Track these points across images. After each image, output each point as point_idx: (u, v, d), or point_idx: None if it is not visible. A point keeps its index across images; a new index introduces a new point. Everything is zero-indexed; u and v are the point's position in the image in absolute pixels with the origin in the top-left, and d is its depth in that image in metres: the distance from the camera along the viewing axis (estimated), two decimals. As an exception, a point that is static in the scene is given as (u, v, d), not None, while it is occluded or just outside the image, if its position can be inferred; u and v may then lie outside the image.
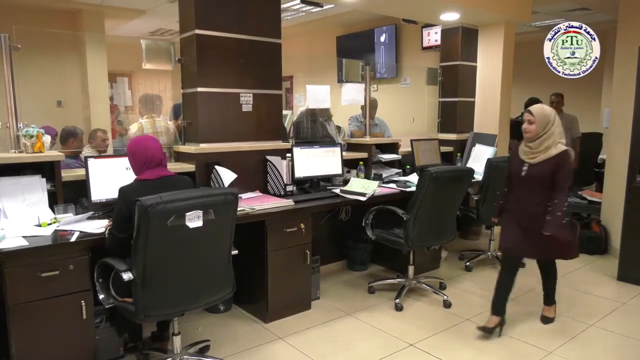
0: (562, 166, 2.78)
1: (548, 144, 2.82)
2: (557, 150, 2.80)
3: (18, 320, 2.23)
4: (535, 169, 2.85)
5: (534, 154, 2.86)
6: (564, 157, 2.80)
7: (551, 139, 2.82)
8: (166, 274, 2.12)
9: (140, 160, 2.36)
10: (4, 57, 2.71)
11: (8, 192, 2.59)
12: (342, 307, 3.45)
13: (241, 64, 3.36)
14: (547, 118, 2.82)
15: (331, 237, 4.16)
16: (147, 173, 2.34)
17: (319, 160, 3.81)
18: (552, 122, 2.83)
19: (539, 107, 2.88)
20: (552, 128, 2.82)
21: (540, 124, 2.82)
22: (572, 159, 2.82)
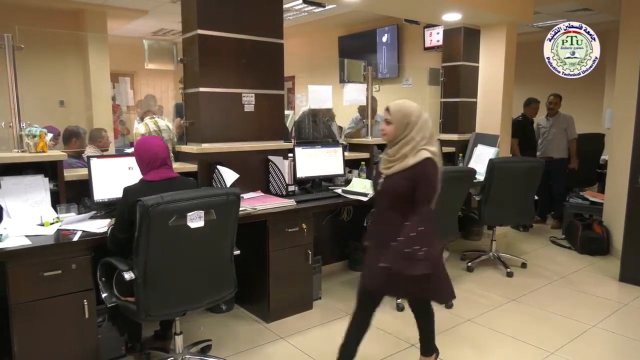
0: (421, 180, 2.11)
1: (405, 152, 2.13)
2: (416, 159, 2.10)
3: (20, 320, 2.24)
4: (389, 182, 2.20)
5: (390, 163, 2.20)
6: (424, 168, 2.10)
7: (410, 144, 2.13)
8: (168, 273, 2.13)
9: (145, 160, 2.36)
10: (7, 57, 2.72)
11: (11, 192, 2.60)
12: (344, 307, 3.45)
13: (243, 64, 3.36)
14: (407, 118, 2.14)
15: (333, 237, 4.16)
16: (151, 174, 2.33)
17: (321, 161, 3.81)
18: (413, 123, 2.14)
19: (399, 104, 2.21)
20: (412, 132, 2.13)
21: (399, 125, 2.15)
22: (435, 171, 2.13)
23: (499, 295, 3.70)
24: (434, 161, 2.14)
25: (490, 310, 3.42)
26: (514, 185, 4.06)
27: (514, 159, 5.07)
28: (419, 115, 2.17)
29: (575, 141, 5.72)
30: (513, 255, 4.48)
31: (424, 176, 2.12)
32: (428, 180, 2.12)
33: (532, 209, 4.30)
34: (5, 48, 2.70)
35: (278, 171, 3.45)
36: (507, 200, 4.08)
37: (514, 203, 4.14)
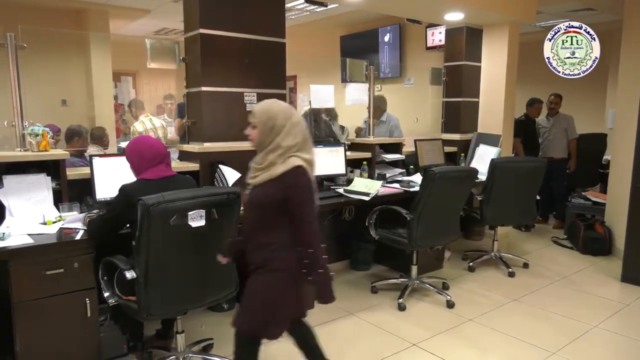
0: (292, 192, 1.84)
1: (272, 159, 1.88)
2: (284, 168, 1.85)
3: (23, 318, 2.24)
4: (255, 193, 1.94)
5: (256, 172, 1.94)
6: (294, 178, 1.84)
7: (277, 151, 1.87)
8: (169, 272, 2.13)
9: (145, 159, 2.34)
10: (10, 56, 2.72)
11: (14, 191, 2.61)
12: (345, 306, 3.45)
13: (245, 64, 3.36)
14: (272, 121, 1.89)
15: (334, 236, 4.16)
16: (149, 172, 2.32)
17: (323, 160, 3.81)
18: (279, 126, 1.88)
19: (263, 105, 1.97)
20: (277, 137, 1.88)
21: (264, 129, 1.90)
22: (306, 180, 1.87)
23: (500, 295, 3.70)
24: (305, 170, 1.87)
25: (491, 310, 3.41)
26: (516, 185, 4.05)
27: (516, 158, 5.07)
28: (287, 117, 1.91)
29: (575, 141, 5.71)
30: (515, 255, 4.48)
31: (295, 187, 1.85)
32: (300, 191, 1.85)
33: (534, 209, 4.30)
34: (8, 47, 2.71)
35: (280, 170, 3.45)
36: (509, 200, 4.08)
37: (516, 203, 4.14)
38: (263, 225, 1.94)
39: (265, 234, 1.93)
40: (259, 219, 1.95)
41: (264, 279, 1.93)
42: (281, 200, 1.86)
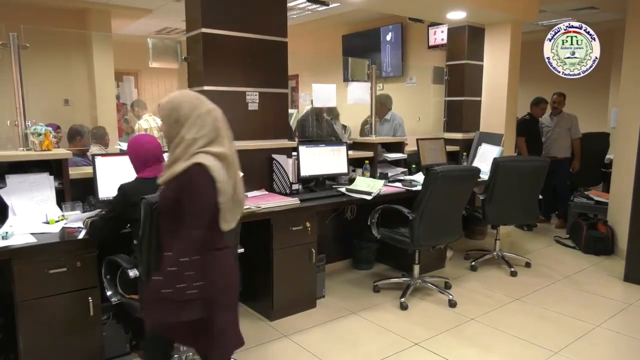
0: (184, 193, 1.66)
1: (177, 155, 1.70)
2: (184, 165, 1.66)
3: (26, 317, 2.25)
4: (159, 195, 1.82)
5: (164, 170, 1.78)
6: (189, 178, 1.65)
7: (181, 146, 1.69)
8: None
9: (141, 158, 2.32)
10: (12, 56, 2.73)
11: (16, 190, 2.62)
12: (348, 305, 3.45)
13: (247, 63, 3.37)
14: (176, 112, 1.71)
15: (336, 235, 4.16)
16: (147, 171, 2.30)
17: (325, 159, 3.81)
18: (184, 118, 1.69)
19: (169, 96, 1.77)
20: (182, 130, 1.70)
21: (169, 122, 1.74)
22: (203, 181, 1.65)
23: (503, 294, 3.69)
24: (206, 169, 1.64)
25: (494, 310, 3.41)
26: (518, 184, 4.05)
27: (518, 158, 5.06)
28: (193, 108, 1.71)
29: (579, 140, 5.70)
30: (517, 254, 4.47)
31: (187, 188, 1.64)
32: (191, 193, 1.64)
33: (536, 208, 4.29)
34: (10, 47, 2.71)
35: (282, 170, 3.46)
36: (511, 199, 4.07)
37: (518, 202, 4.13)
38: (164, 228, 1.75)
39: (167, 239, 1.72)
40: (162, 224, 1.77)
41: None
42: (175, 202, 1.67)
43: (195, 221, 1.65)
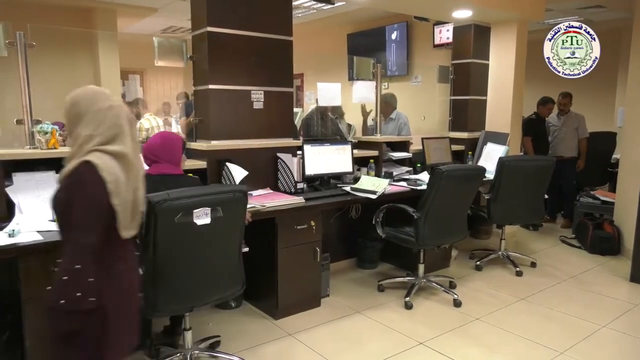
0: (71, 194, 1.50)
1: (73, 152, 1.56)
2: (75, 163, 1.51)
3: (32, 314, 2.26)
4: (53, 195, 1.63)
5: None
6: (77, 177, 1.50)
7: (77, 142, 1.55)
8: (175, 270, 2.14)
9: (148, 155, 2.35)
10: (19, 54, 2.74)
11: (23, 188, 2.63)
12: (352, 304, 3.45)
13: (252, 62, 3.37)
14: (75, 107, 1.57)
15: (341, 234, 4.16)
16: (152, 168, 2.32)
17: (330, 158, 3.81)
18: (82, 112, 1.56)
19: (73, 92, 1.62)
20: (79, 126, 1.55)
21: (69, 118, 1.59)
22: (91, 181, 1.49)
23: (508, 294, 3.68)
24: (94, 168, 1.48)
25: (499, 309, 3.40)
26: (523, 183, 4.03)
27: (524, 157, 5.04)
28: (93, 102, 1.57)
29: (585, 140, 5.66)
30: (522, 254, 4.46)
31: (74, 188, 1.50)
32: (78, 194, 1.48)
33: (542, 208, 4.27)
34: (17, 45, 2.72)
35: (287, 168, 3.46)
36: (516, 199, 4.06)
37: (524, 202, 4.11)
38: (62, 234, 1.61)
39: (64, 248, 1.55)
40: (59, 227, 1.62)
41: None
42: (65, 204, 1.52)
43: (82, 225, 1.49)
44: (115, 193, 1.52)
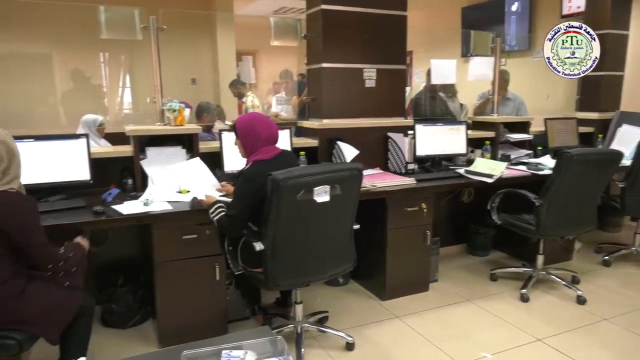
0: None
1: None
2: None
3: (162, 277, 2.48)
4: None
5: None
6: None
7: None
8: (294, 246, 2.19)
9: (260, 139, 2.31)
10: (152, 38, 2.95)
11: (154, 161, 2.86)
12: (462, 292, 3.32)
13: (365, 39, 3.31)
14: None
15: (451, 219, 4.00)
16: (262, 152, 2.31)
17: (442, 139, 3.65)
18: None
19: None
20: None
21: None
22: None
23: (642, 295, 3.28)
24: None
25: (632, 312, 3.04)
26: (669, 171, 3.53)
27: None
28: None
29: None
30: (661, 251, 3.94)
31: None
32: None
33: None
34: (150, 29, 2.93)
35: (397, 148, 3.38)
36: (658, 188, 3.57)
37: (668, 192, 3.61)
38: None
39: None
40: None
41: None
42: None
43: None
44: None
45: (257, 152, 2.32)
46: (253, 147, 2.33)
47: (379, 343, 2.67)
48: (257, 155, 2.31)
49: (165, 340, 2.56)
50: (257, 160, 2.30)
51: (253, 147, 2.33)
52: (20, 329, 1.83)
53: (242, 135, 2.36)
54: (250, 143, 2.33)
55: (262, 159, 2.30)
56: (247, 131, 2.34)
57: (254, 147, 2.32)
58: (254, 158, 2.32)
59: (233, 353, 1.17)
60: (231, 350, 1.17)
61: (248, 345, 1.24)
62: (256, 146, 2.32)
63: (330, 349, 2.59)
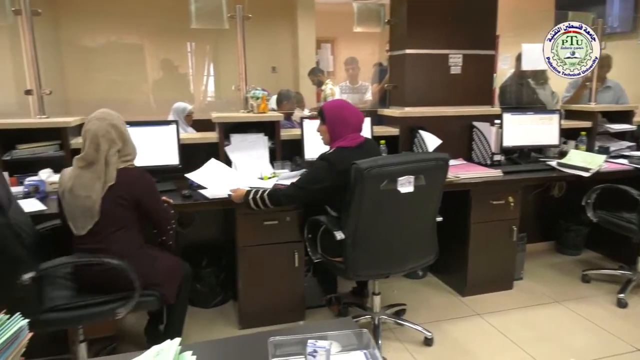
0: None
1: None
2: None
3: (245, 261, 2.55)
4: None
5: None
6: None
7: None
8: (376, 236, 2.16)
9: (349, 126, 2.31)
10: (238, 26, 3.02)
11: (238, 147, 2.94)
12: (549, 292, 3.11)
13: (452, 23, 3.16)
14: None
15: (539, 214, 3.76)
16: (347, 139, 2.29)
17: (532, 129, 3.42)
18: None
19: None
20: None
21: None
22: None
23: None
24: None
25: None
26: None
27: None
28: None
29: None
30: None
31: None
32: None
33: None
34: (237, 18, 3.00)
35: (483, 138, 3.21)
36: None
37: None
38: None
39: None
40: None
41: None
42: None
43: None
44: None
45: (342, 139, 2.30)
46: (339, 133, 2.32)
47: (459, 340, 2.58)
48: (341, 141, 2.30)
49: (245, 322, 2.65)
50: (341, 147, 2.29)
51: (339, 134, 2.32)
52: (153, 290, 2.00)
53: (329, 120, 2.35)
54: (337, 129, 2.32)
55: (346, 146, 2.28)
56: (335, 117, 2.33)
57: (340, 133, 2.31)
58: (338, 144, 2.31)
59: (319, 343, 1.16)
60: (316, 340, 1.17)
61: (332, 336, 1.23)
62: (342, 133, 2.30)
63: (407, 343, 2.54)
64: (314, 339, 1.17)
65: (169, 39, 6.17)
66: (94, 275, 1.92)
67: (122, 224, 1.96)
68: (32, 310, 1.72)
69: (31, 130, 2.63)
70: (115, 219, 1.94)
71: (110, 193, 1.91)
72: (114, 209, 1.92)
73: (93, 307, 1.89)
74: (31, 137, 2.62)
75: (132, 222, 2.00)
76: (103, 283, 1.92)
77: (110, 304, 1.91)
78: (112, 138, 1.94)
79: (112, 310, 1.90)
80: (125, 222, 1.97)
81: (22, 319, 1.07)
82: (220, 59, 6.45)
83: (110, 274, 1.87)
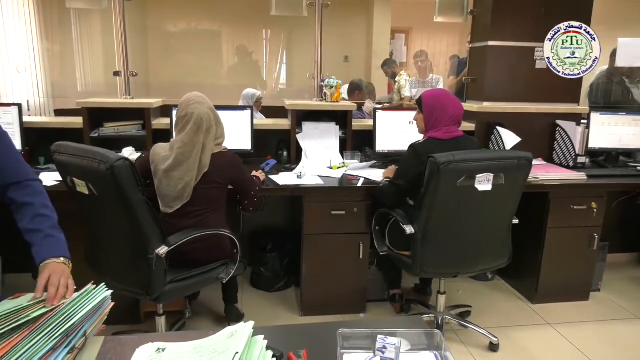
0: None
1: None
2: None
3: (309, 248, 2.57)
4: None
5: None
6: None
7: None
8: (447, 233, 2.09)
9: (446, 115, 2.22)
10: (316, 14, 3.02)
11: (309, 135, 2.96)
12: (630, 307, 2.89)
13: (541, 14, 2.97)
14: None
15: (624, 222, 3.48)
16: (442, 131, 2.22)
17: (623, 130, 3.16)
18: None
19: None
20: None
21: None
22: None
23: None
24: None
25: None
26: None
27: None
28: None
29: None
30: None
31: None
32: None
33: None
34: (316, 6, 2.99)
35: (567, 138, 3.01)
36: None
37: None
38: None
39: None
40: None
41: None
42: None
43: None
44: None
45: (436, 130, 2.24)
46: (435, 123, 2.25)
47: (527, 349, 2.45)
48: (435, 132, 2.24)
49: (306, 309, 2.67)
50: (433, 138, 2.23)
51: (435, 123, 2.25)
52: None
53: (427, 108, 2.29)
54: (434, 118, 2.25)
55: (439, 137, 2.22)
56: (434, 105, 2.26)
57: (436, 123, 2.24)
58: (430, 134, 2.25)
59: (389, 339, 1.14)
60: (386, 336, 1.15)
61: (402, 333, 1.20)
62: (438, 123, 2.24)
63: (471, 346, 2.45)
64: (384, 335, 1.15)
65: (245, 25, 6.32)
66: (190, 251, 2.00)
67: (211, 206, 2.06)
68: (161, 282, 1.87)
69: (117, 110, 2.79)
70: (206, 201, 2.04)
71: (204, 178, 2.00)
72: (206, 193, 2.02)
73: (200, 276, 2.04)
74: (117, 116, 2.79)
75: (221, 204, 2.12)
76: (195, 259, 2.03)
77: (211, 272, 2.07)
78: (211, 122, 2.03)
79: (215, 277, 2.08)
80: (216, 204, 2.08)
81: (106, 289, 1.14)
82: (294, 47, 6.51)
83: (206, 247, 2.02)
